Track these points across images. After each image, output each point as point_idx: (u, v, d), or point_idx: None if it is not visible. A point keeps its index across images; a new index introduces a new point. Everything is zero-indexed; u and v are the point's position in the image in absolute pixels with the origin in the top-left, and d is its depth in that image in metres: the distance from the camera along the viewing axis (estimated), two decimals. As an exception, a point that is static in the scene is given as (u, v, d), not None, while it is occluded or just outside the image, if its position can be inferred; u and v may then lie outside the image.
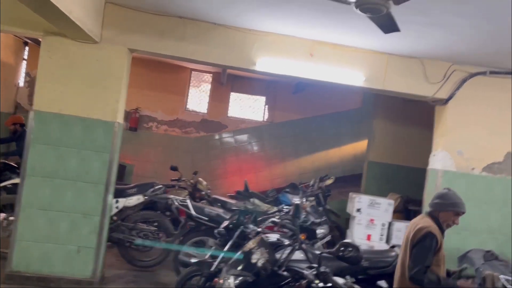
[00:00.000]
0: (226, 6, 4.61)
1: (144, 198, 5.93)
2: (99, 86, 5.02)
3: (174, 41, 5.19)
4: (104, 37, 5.02)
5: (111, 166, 5.07)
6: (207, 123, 10.62)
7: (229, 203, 6.47)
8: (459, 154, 5.40)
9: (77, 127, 4.98)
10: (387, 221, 5.90)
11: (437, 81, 5.38)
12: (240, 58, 5.29)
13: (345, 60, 5.36)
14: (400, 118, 8.44)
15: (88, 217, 4.99)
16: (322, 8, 4.22)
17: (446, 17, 4.00)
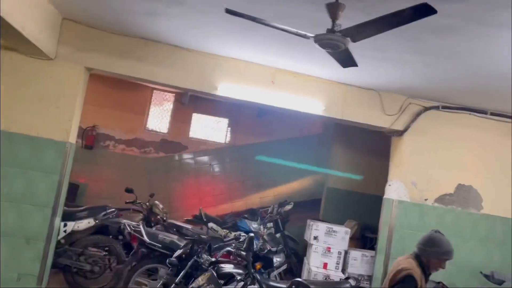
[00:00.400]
0: (188, 30, 4.57)
1: (95, 221, 5.66)
2: (51, 104, 4.81)
3: (134, 62, 5.08)
4: (60, 54, 4.85)
5: (60, 188, 4.82)
6: (167, 143, 10.40)
7: (185, 228, 6.30)
8: (413, 185, 5.54)
9: (25, 146, 4.73)
10: (344, 250, 5.92)
11: (394, 113, 5.54)
12: (201, 82, 5.24)
13: (306, 88, 5.43)
14: (358, 146, 8.61)
15: (32, 243, 4.70)
16: (285, 38, 4.25)
17: (400, 54, 4.14)
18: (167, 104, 10.60)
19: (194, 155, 10.55)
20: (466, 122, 5.62)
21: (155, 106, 10.52)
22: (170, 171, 10.36)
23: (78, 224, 5.54)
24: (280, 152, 10.68)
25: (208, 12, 3.92)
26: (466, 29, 3.30)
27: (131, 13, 4.32)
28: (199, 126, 10.81)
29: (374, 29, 2.66)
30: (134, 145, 10.11)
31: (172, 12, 4.06)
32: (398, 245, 5.44)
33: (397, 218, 5.48)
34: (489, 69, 4.14)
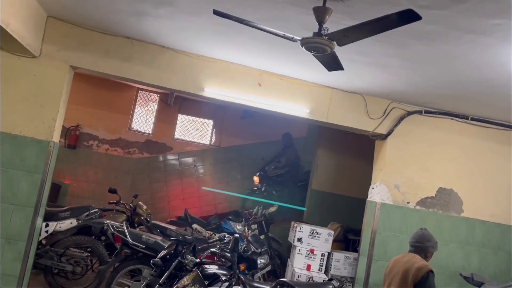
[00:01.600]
0: (176, 31, 4.57)
1: (77, 222, 5.60)
2: (35, 102, 4.74)
3: (119, 61, 5.05)
4: (44, 52, 4.78)
5: (42, 188, 4.75)
6: (152, 144, 10.34)
7: (169, 229, 6.27)
8: (395, 188, 5.63)
9: (6, 145, 4.65)
10: (327, 251, 5.97)
11: (378, 117, 5.63)
12: (187, 83, 5.23)
13: (291, 91, 5.47)
14: (342, 149, 8.71)
15: (13, 243, 4.62)
16: (272, 41, 4.28)
17: (385, 59, 4.22)
18: (152, 104, 10.55)
19: (178, 156, 10.51)
20: (448, 127, 5.75)
21: (140, 106, 10.45)
22: (154, 172, 10.30)
23: (60, 225, 5.47)
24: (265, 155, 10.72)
25: (196, 13, 3.93)
26: (449, 35, 3.38)
27: (117, 13, 4.30)
28: (184, 127, 10.78)
29: (360, 33, 2.71)
30: (118, 145, 10.03)
31: (160, 13, 4.05)
32: (380, 248, 5.52)
33: (379, 220, 5.56)
34: (470, 75, 4.25)
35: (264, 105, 5.44)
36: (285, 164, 9.78)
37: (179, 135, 10.65)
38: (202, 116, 10.80)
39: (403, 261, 3.81)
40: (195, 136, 10.80)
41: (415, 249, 3.88)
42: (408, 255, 3.87)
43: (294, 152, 9.96)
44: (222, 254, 4.08)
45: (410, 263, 3.71)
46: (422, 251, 3.84)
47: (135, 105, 10.35)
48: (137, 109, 10.40)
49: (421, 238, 3.87)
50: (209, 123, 10.91)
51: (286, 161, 9.79)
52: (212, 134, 10.91)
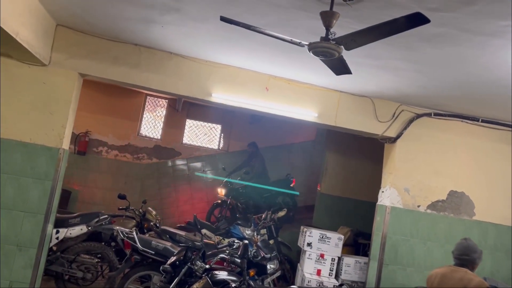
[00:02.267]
0: (183, 37, 4.58)
1: (87, 228, 5.62)
2: (45, 110, 4.78)
3: (127, 68, 5.08)
4: (54, 60, 4.83)
5: (52, 195, 4.78)
6: (160, 149, 10.38)
7: (179, 234, 6.26)
8: (406, 192, 5.58)
9: (17, 153, 4.69)
10: (337, 256, 5.93)
11: (386, 120, 5.59)
12: (195, 88, 5.25)
13: (299, 95, 5.46)
14: (351, 152, 8.66)
15: (24, 250, 4.65)
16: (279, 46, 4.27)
17: (393, 62, 4.19)
18: (160, 110, 10.59)
19: (187, 161, 10.54)
20: (458, 129, 5.68)
21: (148, 112, 10.51)
22: (163, 177, 10.33)
23: (70, 231, 5.49)
24: (274, 159, 10.70)
25: (203, 20, 3.94)
26: (458, 37, 3.35)
27: (125, 20, 4.33)
28: (192, 132, 10.81)
29: (368, 37, 2.69)
30: (127, 151, 10.08)
31: (167, 20, 4.07)
32: (391, 252, 5.46)
33: (390, 224, 5.50)
34: (480, 77, 4.20)
35: (272, 110, 5.43)
36: (252, 175, 9.31)
37: (187, 140, 10.68)
38: (210, 121, 10.83)
39: (456, 278, 3.44)
40: (203, 141, 10.82)
41: (462, 262, 3.53)
42: (459, 271, 3.48)
43: (261, 162, 9.48)
44: (232, 260, 4.07)
45: (466, 280, 3.37)
46: (470, 263, 3.52)
47: (144, 111, 10.40)
48: (146, 115, 10.46)
49: (467, 250, 3.55)
50: (217, 128, 10.93)
51: (252, 171, 9.33)
52: (220, 138, 10.92)
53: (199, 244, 4.42)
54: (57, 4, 4.24)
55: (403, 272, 5.42)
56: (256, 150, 9.56)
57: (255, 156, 9.52)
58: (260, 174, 9.37)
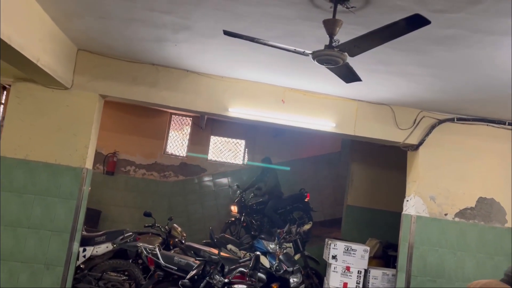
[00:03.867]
0: (196, 54, 4.68)
1: (113, 246, 5.73)
2: (68, 131, 4.96)
3: (146, 87, 5.22)
4: (76, 83, 5.03)
5: (77, 214, 4.92)
6: (186, 166, 10.52)
7: (203, 250, 6.28)
8: (431, 200, 5.40)
9: (43, 174, 4.88)
10: (363, 268, 5.78)
11: (407, 127, 5.47)
12: (212, 104, 5.32)
13: (316, 106, 5.44)
14: (378, 162, 8.49)
15: (51, 268, 4.78)
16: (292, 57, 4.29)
17: (407, 67, 4.12)
18: (185, 128, 10.77)
19: (213, 177, 10.61)
20: (484, 133, 5.49)
21: (173, 130, 10.70)
22: (189, 194, 10.43)
23: (96, 249, 5.62)
24: (299, 171, 10.63)
25: (213, 36, 4.01)
26: (469, 38, 3.26)
27: (140, 41, 4.47)
28: (217, 149, 10.91)
29: (371, 42, 2.67)
30: (154, 170, 10.26)
31: (179, 38, 4.18)
32: (419, 262, 5.28)
33: (416, 234, 5.33)
34: (500, 78, 4.06)
35: (289, 122, 5.43)
36: (265, 191, 9.06)
37: (212, 157, 10.78)
38: (234, 137, 10.90)
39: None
40: (228, 156, 10.90)
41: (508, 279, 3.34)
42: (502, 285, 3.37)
43: (273, 177, 9.22)
44: (251, 273, 4.04)
45: None
46: None
47: (169, 130, 10.61)
48: (171, 133, 10.66)
49: None
50: (241, 143, 10.99)
51: (266, 187, 9.08)
52: (244, 153, 10.96)
53: (216, 258, 4.42)
54: (76, 30, 4.43)
55: (433, 284, 5.21)
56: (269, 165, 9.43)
57: (268, 171, 9.39)
58: (272, 190, 9.18)
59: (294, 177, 10.52)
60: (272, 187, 9.04)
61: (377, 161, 8.54)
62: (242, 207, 9.04)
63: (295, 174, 10.56)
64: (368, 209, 8.50)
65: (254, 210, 9.17)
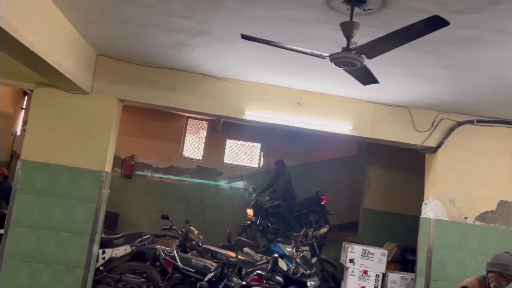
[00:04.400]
0: (213, 59, 4.72)
1: (131, 248, 5.80)
2: (88, 135, 5.05)
3: (164, 91, 5.29)
4: (95, 88, 5.12)
5: (97, 216, 5.00)
6: (203, 170, 10.58)
7: (220, 253, 6.31)
8: (450, 203, 5.33)
9: (64, 177, 4.97)
10: (381, 272, 5.72)
11: (425, 130, 5.41)
12: (229, 107, 5.36)
13: (332, 109, 5.42)
14: (395, 165, 8.40)
15: (72, 269, 4.87)
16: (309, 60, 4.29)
17: (425, 69, 4.08)
18: (201, 131, 10.85)
19: (229, 180, 10.65)
20: (504, 135, 5.40)
21: (190, 134, 10.79)
22: (206, 197, 10.49)
23: (115, 251, 5.69)
24: (315, 174, 10.59)
25: (230, 40, 4.05)
26: (488, 39, 3.22)
27: (158, 46, 4.53)
28: (233, 152, 10.95)
29: (388, 44, 2.66)
30: (171, 173, 10.35)
31: (196, 42, 4.22)
32: (438, 266, 5.20)
33: (435, 238, 5.26)
34: (521, 79, 4.00)
35: (306, 124, 5.43)
36: (280, 194, 9.00)
37: (228, 160, 10.82)
38: (250, 140, 10.93)
39: None
40: (243, 159, 10.93)
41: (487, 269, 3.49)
42: None
43: (287, 180, 9.10)
44: (268, 276, 4.04)
45: None
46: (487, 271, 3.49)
47: (185, 133, 10.70)
48: (187, 137, 10.74)
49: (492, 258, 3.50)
50: (256, 146, 11.01)
51: (280, 190, 9.03)
52: (260, 157, 10.98)
53: (234, 260, 4.43)
54: (95, 36, 4.52)
55: (452, 288, 5.14)
56: (282, 168, 9.31)
57: (282, 174, 9.27)
58: (285, 192, 9.07)
59: (309, 180, 10.49)
60: (284, 190, 9.02)
61: (394, 164, 8.45)
62: (258, 210, 9.04)
63: (311, 177, 10.53)
64: (385, 213, 8.41)
65: (269, 213, 9.15)
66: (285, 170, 9.14)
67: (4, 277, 4.75)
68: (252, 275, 4.39)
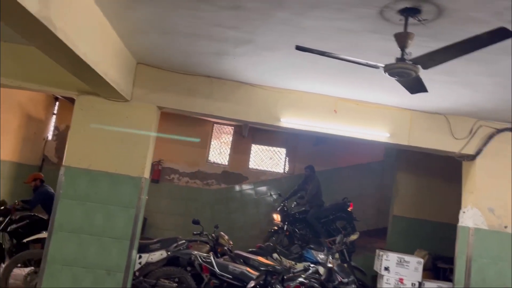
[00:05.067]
0: (252, 67, 4.77)
1: (167, 253, 5.86)
2: (128, 142, 5.14)
3: (201, 99, 5.35)
4: (135, 95, 5.21)
5: (136, 221, 5.08)
6: (228, 175, 10.65)
7: (252, 259, 6.32)
8: (490, 212, 5.25)
9: (105, 183, 5.06)
10: (417, 281, 5.66)
11: (463, 137, 5.35)
12: (264, 114, 5.39)
13: (369, 116, 5.41)
14: (424, 172, 8.32)
15: (112, 274, 4.95)
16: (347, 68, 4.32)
17: (470, 77, 4.05)
18: (226, 137, 10.92)
19: (254, 185, 10.68)
20: (545, 143, 5.30)
21: (216, 139, 10.87)
22: (231, 202, 10.55)
23: (151, 256, 5.76)
24: (341, 180, 10.55)
25: (273, 49, 4.08)
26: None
27: (199, 54, 4.60)
28: (258, 157, 10.99)
29: (447, 55, 2.66)
30: (197, 178, 10.45)
31: (239, 51, 4.27)
32: (477, 276, 5.13)
33: (474, 247, 5.19)
34: None
35: (341, 132, 5.43)
36: (308, 200, 8.88)
37: (253, 165, 10.87)
38: (275, 145, 10.96)
39: None
40: (269, 165, 10.96)
41: None
42: None
43: (316, 186, 8.97)
44: (311, 284, 4.05)
45: None
46: None
47: (211, 138, 10.78)
48: (213, 142, 10.83)
49: None
50: (282, 152, 11.03)
51: (308, 196, 8.90)
52: (285, 162, 10.99)
53: (280, 268, 4.45)
54: (138, 45, 4.61)
55: (493, 299, 5.06)
56: (312, 174, 9.23)
57: (311, 180, 9.18)
58: (313, 199, 8.97)
59: (335, 186, 10.44)
60: (313, 196, 8.98)
61: (424, 170, 8.36)
62: (285, 216, 9.02)
63: (337, 183, 10.48)
64: (415, 220, 8.32)
65: (296, 219, 9.13)
66: (314, 176, 9.09)
67: (47, 280, 4.86)
68: (294, 283, 4.40)
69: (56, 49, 3.28)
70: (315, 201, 8.93)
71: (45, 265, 4.89)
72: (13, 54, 5.01)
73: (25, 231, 6.24)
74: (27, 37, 3.16)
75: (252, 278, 4.79)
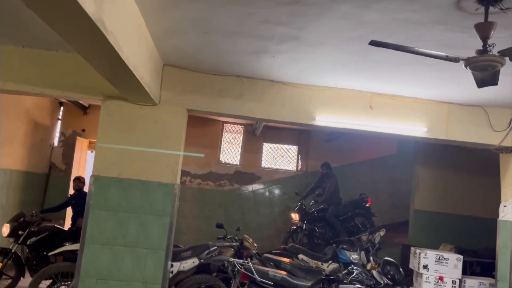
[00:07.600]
0: (288, 65, 4.56)
1: (199, 261, 5.64)
2: (158, 147, 4.91)
3: (231, 100, 5.13)
4: (163, 99, 4.98)
5: (171, 230, 4.86)
6: (241, 175, 10.43)
7: (283, 262, 6.13)
8: (532, 204, 5.14)
9: (136, 191, 4.83)
10: (458, 278, 5.54)
11: (503, 129, 5.22)
12: (298, 113, 5.20)
13: (405, 111, 5.25)
14: (445, 164, 8.22)
15: (149, 286, 4.73)
16: (382, 61, 4.15)
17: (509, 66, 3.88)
18: (237, 136, 10.70)
19: (267, 184, 10.49)
20: None
21: (226, 139, 10.64)
22: (245, 202, 10.34)
23: (183, 264, 5.53)
24: (354, 175, 10.41)
25: (319, 44, 3.88)
26: None
27: (234, 54, 4.37)
28: (270, 156, 10.79)
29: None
30: (209, 179, 10.21)
31: (281, 49, 4.06)
32: (523, 271, 5.02)
33: (519, 241, 5.07)
34: None
35: (377, 128, 5.26)
36: (326, 198, 8.66)
37: (266, 164, 10.66)
38: (287, 143, 10.77)
39: None
40: (281, 163, 10.76)
41: None
42: None
43: (333, 183, 8.76)
44: None
45: None
46: None
47: (222, 139, 10.55)
48: (224, 142, 10.60)
49: None
50: (293, 149, 10.85)
51: (327, 194, 8.67)
52: (298, 159, 10.81)
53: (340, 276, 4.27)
54: (170, 46, 4.37)
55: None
56: (329, 171, 9.00)
57: (328, 177, 8.95)
58: (331, 196, 8.73)
59: (350, 182, 10.29)
60: (331, 193, 8.81)
61: (444, 163, 8.26)
62: (304, 215, 8.84)
63: (351, 179, 10.34)
64: (437, 213, 8.23)
65: (315, 218, 8.96)
66: (332, 173, 8.91)
67: (80, 296, 4.62)
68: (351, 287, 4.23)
69: (103, 53, 3.04)
70: (333, 198, 8.75)
71: (78, 279, 4.65)
72: (34, 60, 4.73)
73: (45, 243, 5.98)
74: (74, 41, 2.90)
75: (295, 284, 4.61)
